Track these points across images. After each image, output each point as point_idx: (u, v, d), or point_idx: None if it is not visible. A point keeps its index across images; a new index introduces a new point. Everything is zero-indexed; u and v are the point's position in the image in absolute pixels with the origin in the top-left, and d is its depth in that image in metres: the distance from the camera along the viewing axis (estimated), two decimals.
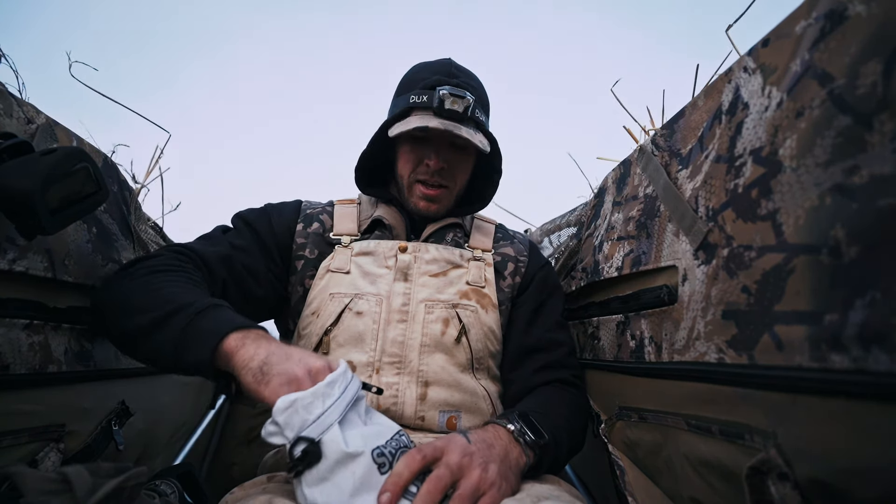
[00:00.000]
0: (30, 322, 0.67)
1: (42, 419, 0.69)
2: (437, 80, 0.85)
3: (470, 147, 0.86)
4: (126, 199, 0.93)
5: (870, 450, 0.39)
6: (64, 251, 0.72)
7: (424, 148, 0.85)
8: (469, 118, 0.83)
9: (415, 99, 0.84)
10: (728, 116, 0.58)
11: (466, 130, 0.81)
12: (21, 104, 0.67)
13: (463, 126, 0.82)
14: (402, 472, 0.54)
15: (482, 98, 0.90)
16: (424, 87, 0.85)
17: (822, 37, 0.44)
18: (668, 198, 0.69)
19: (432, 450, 0.57)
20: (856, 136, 0.40)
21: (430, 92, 0.83)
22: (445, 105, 0.81)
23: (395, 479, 0.53)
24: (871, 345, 0.38)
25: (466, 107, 0.82)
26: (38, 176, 0.53)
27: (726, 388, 0.55)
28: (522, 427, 0.68)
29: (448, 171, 0.86)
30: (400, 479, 0.53)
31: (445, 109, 0.81)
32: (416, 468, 0.55)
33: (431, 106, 0.82)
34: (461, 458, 0.57)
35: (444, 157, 0.85)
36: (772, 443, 0.47)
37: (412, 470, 0.54)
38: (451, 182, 0.88)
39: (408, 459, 0.55)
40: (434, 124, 0.79)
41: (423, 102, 0.83)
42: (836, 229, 0.42)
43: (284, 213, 0.90)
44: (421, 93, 0.84)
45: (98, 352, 0.82)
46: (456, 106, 0.81)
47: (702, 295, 0.59)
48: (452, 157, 0.86)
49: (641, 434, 0.75)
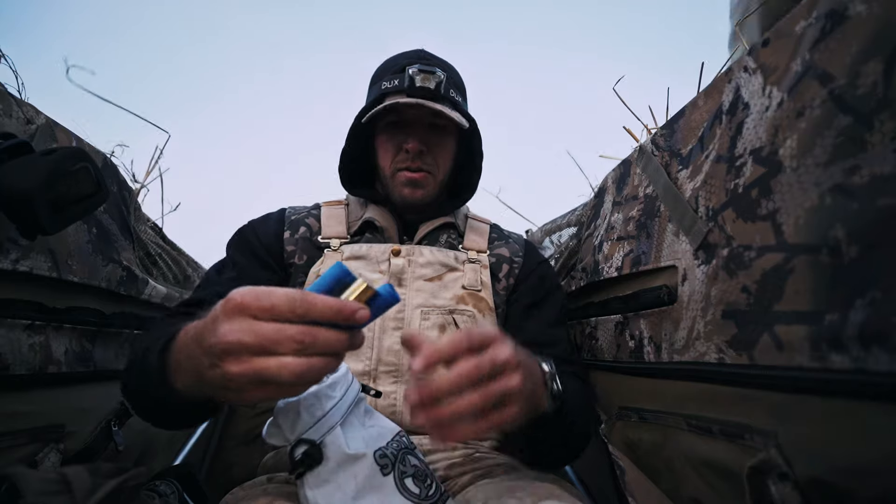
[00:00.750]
0: (31, 322, 0.67)
1: (42, 420, 0.69)
2: (407, 62, 0.83)
3: (449, 127, 0.84)
4: (126, 199, 0.93)
5: (870, 449, 0.39)
6: (66, 251, 0.72)
7: (401, 133, 0.82)
8: (443, 96, 0.81)
9: (386, 84, 0.82)
10: (728, 116, 0.58)
11: (440, 106, 0.78)
12: (21, 104, 0.67)
13: (437, 103, 0.79)
14: (443, 347, 0.44)
15: (455, 78, 0.87)
16: (395, 71, 0.83)
17: (822, 37, 0.44)
18: (668, 198, 0.69)
19: (480, 337, 0.46)
20: (856, 135, 0.40)
21: (400, 74, 0.81)
22: (416, 83, 0.79)
23: (434, 349, 0.43)
24: (871, 344, 0.38)
25: (438, 83, 0.79)
26: (38, 176, 0.53)
27: (726, 388, 0.55)
28: (554, 373, 0.59)
29: (429, 155, 0.83)
30: (437, 351, 0.43)
31: (417, 87, 0.79)
32: (458, 348, 0.44)
33: (403, 87, 0.80)
34: (509, 358, 0.45)
35: (422, 139, 0.81)
36: (772, 443, 0.47)
37: (455, 348, 0.44)
38: (434, 166, 0.84)
39: (454, 337, 0.44)
40: (404, 101, 0.77)
41: (394, 86, 0.81)
42: (837, 229, 0.42)
43: (269, 223, 0.85)
44: (392, 77, 0.82)
45: (98, 352, 0.82)
46: (427, 83, 0.79)
47: (702, 295, 0.59)
48: (432, 140, 0.83)
49: (641, 434, 0.75)
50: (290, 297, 0.37)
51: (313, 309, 0.38)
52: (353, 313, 0.38)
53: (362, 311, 0.39)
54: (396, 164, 0.83)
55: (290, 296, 0.37)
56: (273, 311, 0.37)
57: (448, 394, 0.42)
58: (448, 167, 0.87)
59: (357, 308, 0.39)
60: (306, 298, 0.38)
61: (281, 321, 0.37)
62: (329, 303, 0.38)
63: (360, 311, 0.39)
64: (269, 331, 0.37)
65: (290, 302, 0.37)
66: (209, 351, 0.39)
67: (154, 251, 1.04)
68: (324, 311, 0.38)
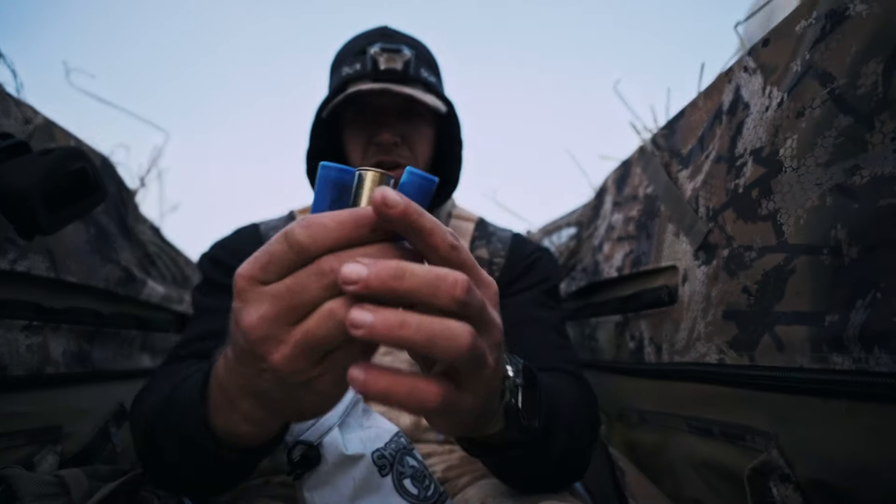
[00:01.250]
0: (28, 323, 0.66)
1: (39, 421, 0.68)
2: (367, 42, 0.72)
3: (424, 114, 0.73)
4: (124, 199, 0.93)
5: (872, 451, 0.39)
6: (64, 251, 0.72)
7: (370, 125, 0.71)
8: (413, 78, 0.71)
9: (347, 70, 0.71)
10: (729, 116, 0.58)
11: (411, 89, 0.68)
12: (19, 104, 0.67)
13: (406, 86, 0.68)
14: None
15: (425, 55, 0.76)
16: (355, 54, 0.72)
17: (822, 36, 0.44)
18: (669, 198, 0.69)
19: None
20: (857, 135, 0.40)
21: (361, 57, 0.70)
22: (380, 65, 0.68)
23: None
24: (872, 345, 0.38)
25: (405, 62, 0.69)
26: (35, 176, 0.53)
27: (727, 389, 0.55)
28: (518, 382, 0.40)
29: (404, 147, 0.71)
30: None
31: (381, 71, 0.68)
32: (463, 257, 0.28)
33: (366, 71, 0.69)
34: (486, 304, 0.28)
35: (394, 130, 0.70)
36: (773, 444, 0.47)
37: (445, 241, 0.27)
38: (411, 159, 0.72)
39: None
40: (368, 87, 0.66)
41: (356, 72, 0.70)
42: (837, 229, 0.42)
43: (244, 242, 0.73)
44: (352, 61, 0.71)
45: (96, 353, 0.82)
46: (393, 63, 0.69)
47: (702, 295, 0.59)
48: (406, 130, 0.72)
49: (642, 435, 0.74)
50: (289, 233, 0.26)
51: (321, 234, 0.26)
52: (373, 216, 0.26)
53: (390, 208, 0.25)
54: (368, 158, 0.71)
55: (289, 233, 0.26)
56: (276, 264, 0.27)
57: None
58: (427, 159, 0.76)
59: (376, 210, 0.25)
60: (309, 225, 0.26)
61: (293, 270, 0.27)
62: (339, 216, 0.26)
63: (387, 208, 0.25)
64: (282, 288, 0.27)
65: (291, 240, 0.26)
66: (246, 356, 0.29)
67: (153, 251, 1.04)
68: (335, 230, 0.26)
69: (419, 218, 0.25)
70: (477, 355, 0.26)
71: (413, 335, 0.24)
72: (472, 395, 0.28)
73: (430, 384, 0.25)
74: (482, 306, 0.27)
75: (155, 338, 1.02)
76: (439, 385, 0.26)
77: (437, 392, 0.25)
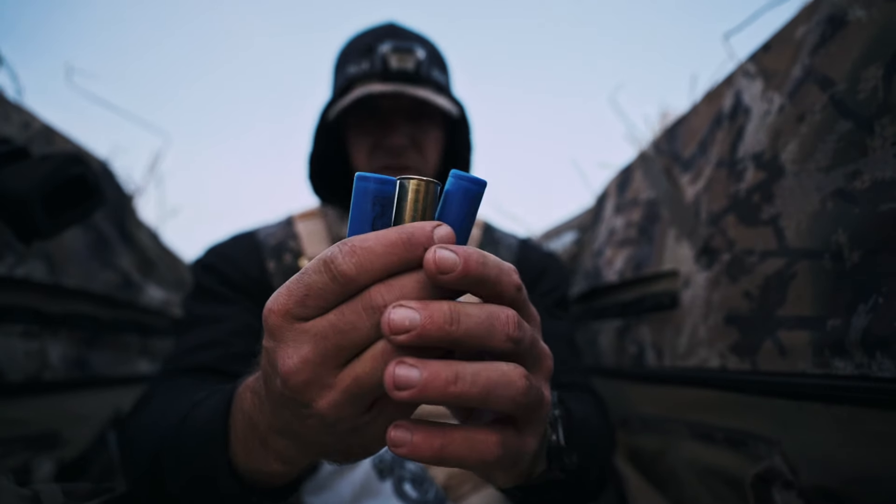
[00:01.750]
0: (27, 328, 0.66)
1: (37, 427, 0.68)
2: (375, 39, 0.67)
3: (435, 116, 0.69)
4: (123, 204, 0.93)
5: (875, 457, 0.39)
6: (63, 256, 0.72)
7: (378, 127, 0.67)
8: (424, 79, 0.66)
9: (353, 69, 0.67)
10: (729, 121, 0.58)
11: (424, 91, 0.64)
12: (18, 109, 0.67)
13: (419, 87, 0.65)
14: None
15: (436, 55, 0.72)
16: (362, 52, 0.67)
17: (822, 42, 0.44)
18: (670, 202, 0.69)
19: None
20: (857, 140, 0.40)
21: (368, 55, 0.66)
22: (391, 65, 0.64)
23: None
24: (874, 350, 0.38)
25: (418, 63, 0.65)
26: (35, 181, 0.53)
27: (729, 395, 0.55)
28: (556, 415, 0.38)
29: (414, 151, 0.68)
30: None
31: (392, 70, 0.64)
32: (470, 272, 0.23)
33: (375, 71, 0.65)
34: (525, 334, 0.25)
35: (405, 133, 0.67)
36: (776, 450, 0.47)
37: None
38: (421, 162, 0.69)
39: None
40: (379, 89, 0.62)
41: (363, 71, 0.66)
42: (838, 234, 0.41)
43: (244, 251, 0.68)
44: (359, 59, 0.67)
45: (95, 359, 0.81)
46: (404, 63, 0.64)
47: (703, 300, 0.59)
48: (416, 133, 0.68)
49: (644, 441, 0.74)
50: (330, 262, 0.22)
51: (368, 262, 0.22)
52: (428, 237, 0.22)
53: (441, 229, 0.23)
54: (375, 162, 0.67)
55: (330, 262, 0.22)
56: (317, 297, 0.23)
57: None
58: (436, 164, 0.72)
59: (432, 227, 0.23)
60: (354, 251, 0.22)
61: (337, 303, 0.23)
62: (387, 238, 0.22)
63: (438, 228, 0.23)
64: (325, 326, 0.23)
65: (334, 269, 0.22)
66: (286, 401, 0.25)
67: (152, 256, 1.04)
68: (384, 256, 0.22)
69: (483, 270, 0.22)
70: (534, 396, 0.23)
71: (469, 389, 0.21)
72: (532, 436, 0.26)
73: (488, 434, 0.23)
74: (533, 340, 0.25)
75: (154, 343, 1.02)
76: (497, 433, 0.23)
77: (497, 442, 0.23)
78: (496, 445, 0.23)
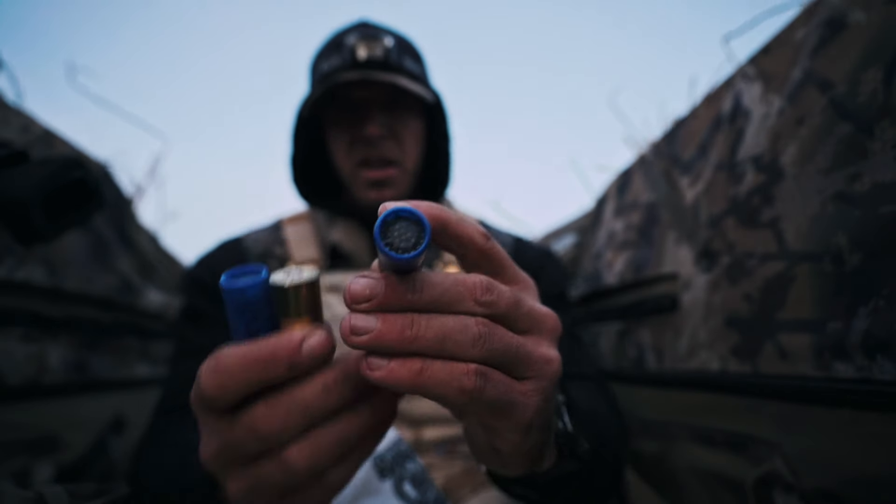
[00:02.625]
0: (26, 332, 0.66)
1: (36, 431, 0.68)
2: (345, 34, 0.67)
3: (412, 106, 0.68)
4: (123, 208, 0.93)
5: (876, 460, 0.39)
6: (63, 260, 0.72)
7: (354, 121, 0.66)
8: (396, 67, 0.65)
9: (325, 66, 0.66)
10: (729, 124, 0.58)
11: (392, 76, 0.63)
12: (18, 112, 0.67)
13: (389, 74, 0.64)
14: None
15: (407, 45, 0.71)
16: (332, 48, 0.68)
17: (822, 44, 0.45)
18: (669, 205, 0.69)
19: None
20: (857, 143, 0.40)
21: (338, 50, 0.66)
22: (359, 55, 0.63)
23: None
24: (875, 353, 0.38)
25: (386, 50, 0.64)
26: (34, 184, 0.53)
27: (730, 398, 0.54)
28: (562, 402, 0.35)
29: (392, 141, 0.66)
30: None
31: (360, 60, 0.63)
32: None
33: (345, 64, 0.64)
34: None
35: (380, 123, 0.65)
36: (777, 453, 0.47)
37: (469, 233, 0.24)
38: (400, 153, 0.67)
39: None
40: (347, 76, 0.62)
41: (333, 66, 0.65)
42: (839, 237, 0.41)
43: (231, 259, 0.67)
44: (329, 55, 0.67)
45: (94, 362, 0.81)
46: (372, 51, 0.64)
47: (703, 303, 0.59)
48: (393, 123, 0.66)
49: (645, 445, 0.74)
50: (199, 375, 0.22)
51: (228, 379, 0.21)
52: (293, 352, 0.21)
53: (313, 339, 0.21)
54: (353, 154, 0.66)
55: (200, 372, 0.22)
56: (229, 385, 0.22)
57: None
58: (417, 154, 0.71)
59: (299, 340, 0.21)
60: (214, 367, 0.22)
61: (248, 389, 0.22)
62: (249, 354, 0.21)
63: (310, 339, 0.21)
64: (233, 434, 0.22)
65: (197, 386, 0.23)
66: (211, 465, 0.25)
67: (151, 260, 1.04)
68: (244, 373, 0.21)
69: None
70: (502, 345, 0.22)
71: (424, 332, 0.21)
72: (533, 392, 0.24)
73: (469, 365, 0.22)
74: (516, 301, 0.24)
75: (153, 346, 1.02)
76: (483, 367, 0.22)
77: (478, 371, 0.22)
78: (477, 376, 0.21)
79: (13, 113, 0.66)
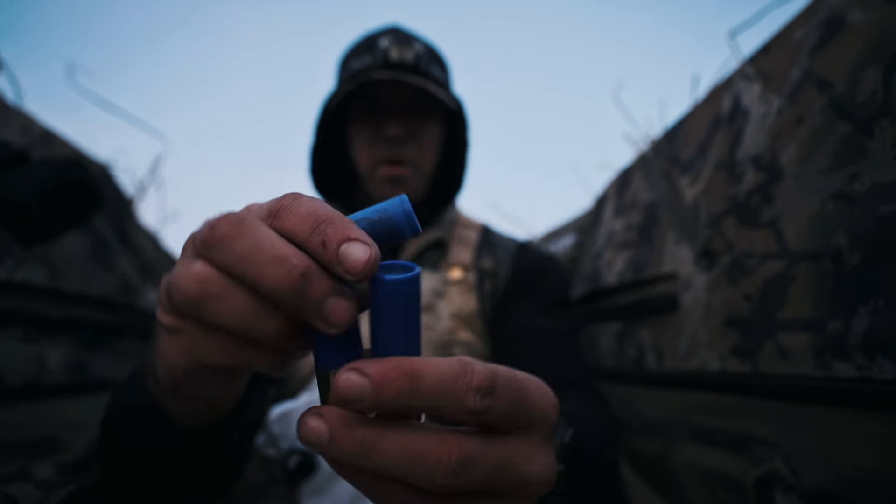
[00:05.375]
0: (26, 333, 0.66)
1: (36, 431, 0.68)
2: (378, 36, 0.70)
3: (433, 111, 0.71)
4: (123, 208, 0.93)
5: (877, 460, 0.39)
6: (63, 261, 0.72)
7: (378, 119, 0.69)
8: (423, 73, 0.68)
9: (356, 65, 0.69)
10: (728, 123, 0.58)
11: (421, 80, 0.66)
12: (19, 113, 0.67)
13: (417, 78, 0.67)
14: None
15: (436, 54, 0.74)
16: (364, 48, 0.70)
17: (821, 44, 0.45)
18: (669, 205, 0.69)
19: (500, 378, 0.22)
20: (856, 142, 0.40)
21: (370, 51, 0.69)
22: (391, 56, 0.66)
23: None
24: (875, 353, 0.38)
25: (417, 55, 0.67)
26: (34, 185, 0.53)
27: (730, 397, 0.54)
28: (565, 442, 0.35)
29: (413, 143, 0.69)
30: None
31: (392, 61, 0.66)
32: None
33: (376, 64, 0.67)
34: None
35: (404, 124, 0.68)
36: (778, 453, 0.47)
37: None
38: (419, 155, 0.70)
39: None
40: (379, 75, 0.65)
41: (365, 64, 0.68)
42: (838, 236, 0.41)
43: None
44: (361, 54, 0.70)
45: (94, 363, 0.81)
46: (404, 55, 0.67)
47: (703, 302, 0.59)
48: (414, 125, 0.69)
49: (644, 445, 0.74)
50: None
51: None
52: None
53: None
54: (375, 153, 0.69)
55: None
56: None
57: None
58: (434, 159, 0.74)
59: None
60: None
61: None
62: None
63: None
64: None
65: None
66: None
67: (151, 260, 1.04)
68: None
69: (409, 397, 0.18)
70: (481, 469, 0.19)
71: (385, 456, 0.18)
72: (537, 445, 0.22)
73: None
74: (516, 399, 0.21)
75: None
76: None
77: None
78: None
79: (13, 113, 0.66)
